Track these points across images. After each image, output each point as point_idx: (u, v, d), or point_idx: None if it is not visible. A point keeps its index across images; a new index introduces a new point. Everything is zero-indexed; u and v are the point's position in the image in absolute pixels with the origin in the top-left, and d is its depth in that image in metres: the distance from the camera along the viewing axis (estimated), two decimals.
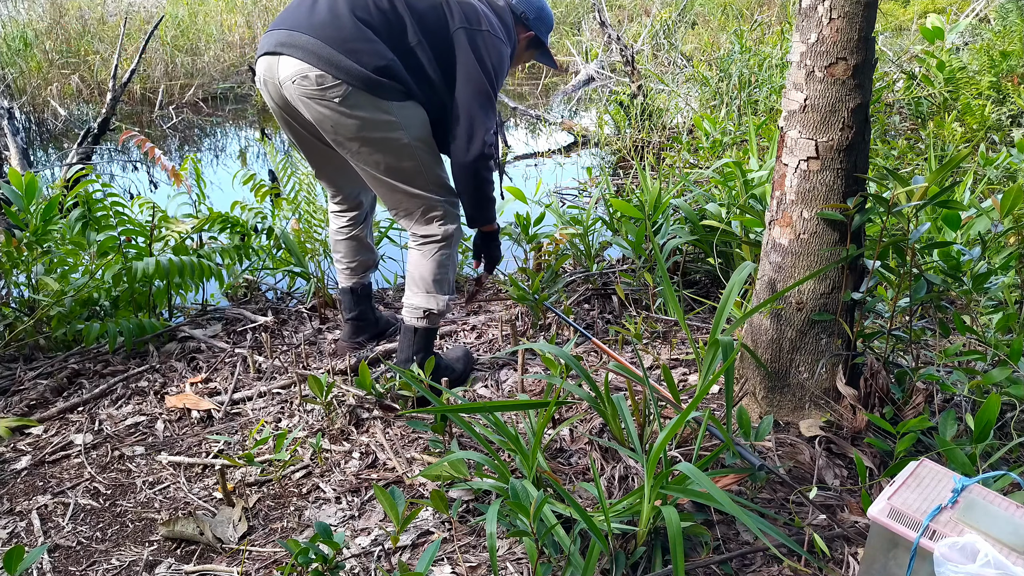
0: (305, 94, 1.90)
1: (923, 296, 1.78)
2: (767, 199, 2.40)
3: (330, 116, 1.92)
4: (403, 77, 1.93)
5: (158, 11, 8.26)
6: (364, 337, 2.52)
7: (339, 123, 1.93)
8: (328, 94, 1.88)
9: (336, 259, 2.44)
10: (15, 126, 4.23)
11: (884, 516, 1.27)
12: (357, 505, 1.80)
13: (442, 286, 2.16)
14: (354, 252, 2.41)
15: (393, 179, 2.04)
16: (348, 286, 2.46)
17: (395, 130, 1.96)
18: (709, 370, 1.79)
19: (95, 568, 1.63)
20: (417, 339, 2.18)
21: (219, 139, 6.78)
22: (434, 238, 2.12)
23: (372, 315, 2.54)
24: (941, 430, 1.62)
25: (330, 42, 1.87)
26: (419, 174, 2.04)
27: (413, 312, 2.17)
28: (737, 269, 1.95)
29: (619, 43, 5.90)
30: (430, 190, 2.07)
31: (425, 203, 2.08)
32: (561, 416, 2.07)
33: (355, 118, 1.92)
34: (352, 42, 1.88)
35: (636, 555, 1.50)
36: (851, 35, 1.62)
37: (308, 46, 1.88)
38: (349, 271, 2.44)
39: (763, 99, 4.94)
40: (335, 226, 2.40)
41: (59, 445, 2.05)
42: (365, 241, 2.42)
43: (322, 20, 1.90)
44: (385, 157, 1.99)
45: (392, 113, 1.94)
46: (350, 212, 2.36)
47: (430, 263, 2.13)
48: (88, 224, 2.68)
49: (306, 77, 1.88)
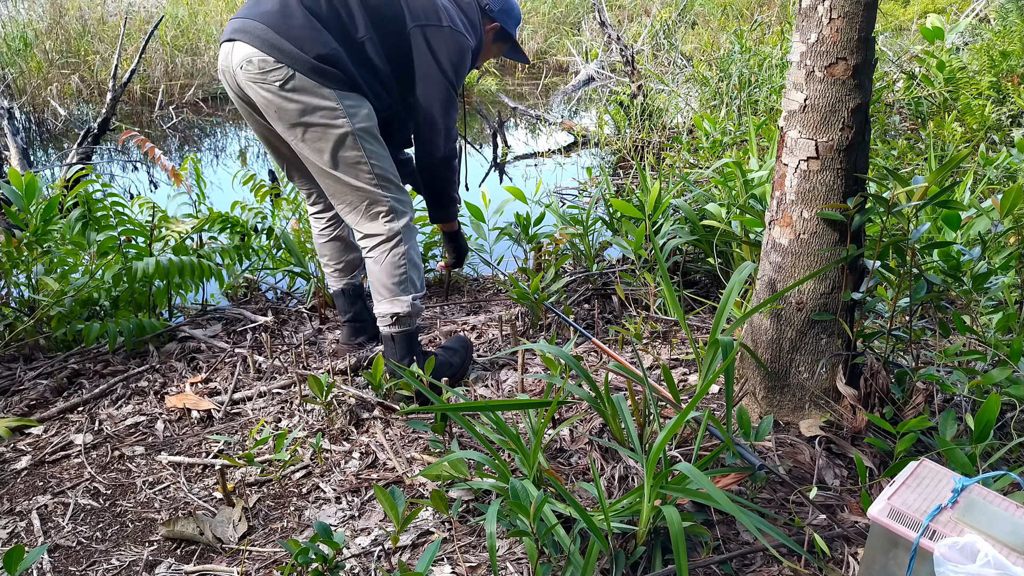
0: (250, 78, 1.92)
1: (923, 296, 1.78)
2: (767, 199, 2.40)
3: (273, 100, 1.93)
4: (348, 68, 1.94)
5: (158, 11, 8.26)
6: (364, 338, 2.50)
7: (281, 107, 1.93)
8: (269, 77, 1.90)
9: (323, 262, 2.44)
10: (15, 126, 4.24)
11: (884, 516, 1.27)
12: (357, 505, 1.80)
13: (404, 287, 2.12)
14: (339, 253, 2.40)
15: (336, 170, 2.02)
16: (339, 288, 2.45)
17: (337, 118, 1.95)
18: (709, 370, 1.79)
19: (95, 568, 1.63)
20: (398, 346, 2.16)
21: (219, 139, 6.78)
22: (379, 237, 2.09)
23: (368, 315, 2.50)
24: (941, 430, 1.62)
25: (275, 28, 1.90)
26: (362, 165, 2.02)
27: (383, 320, 2.15)
28: (737, 269, 1.95)
29: (619, 43, 5.90)
30: (374, 184, 2.05)
31: (368, 196, 2.06)
32: (561, 416, 2.07)
33: (296, 102, 1.92)
34: (297, 29, 1.90)
35: (636, 555, 1.50)
36: (851, 35, 1.62)
37: (255, 31, 1.90)
38: (337, 273, 2.43)
39: (763, 99, 4.94)
40: (316, 229, 2.39)
41: (59, 445, 2.05)
42: (349, 240, 2.40)
43: (271, 8, 1.93)
44: (328, 145, 1.98)
45: (334, 100, 1.94)
46: (327, 213, 2.35)
47: (384, 267, 2.10)
48: (88, 224, 2.68)
49: (250, 61, 1.90)
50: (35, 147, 6.12)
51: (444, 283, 3.21)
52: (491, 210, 3.19)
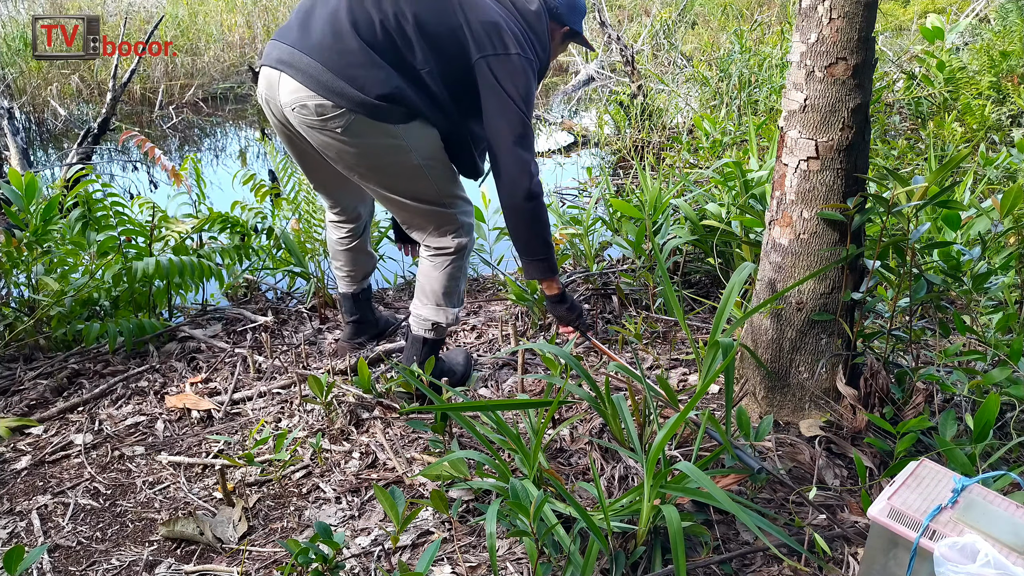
0: (306, 123, 1.82)
1: (923, 296, 1.78)
2: (767, 199, 2.40)
3: (332, 144, 1.85)
4: (410, 100, 1.81)
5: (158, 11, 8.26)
6: (365, 337, 2.54)
7: (342, 151, 1.86)
8: (329, 124, 1.79)
9: (336, 267, 2.44)
10: (15, 126, 4.23)
11: (884, 516, 1.27)
12: (357, 505, 1.80)
13: (451, 299, 2.13)
14: (354, 261, 2.41)
15: (405, 198, 1.98)
16: (349, 292, 2.48)
17: (403, 153, 1.87)
18: (709, 370, 1.79)
19: (95, 568, 1.63)
20: (424, 350, 2.18)
21: (219, 139, 6.78)
22: (447, 251, 2.08)
23: (372, 316, 2.57)
24: (941, 430, 1.62)
25: (331, 66, 1.76)
26: (431, 191, 1.98)
27: (421, 323, 2.15)
28: (737, 269, 1.95)
29: (619, 43, 5.90)
30: (443, 204, 2.01)
31: (439, 218, 2.03)
32: (561, 416, 2.07)
33: (359, 146, 1.84)
34: (355, 68, 1.76)
35: (636, 555, 1.50)
36: (851, 35, 1.62)
37: (308, 69, 1.77)
38: (349, 278, 2.45)
39: (763, 99, 4.93)
40: (334, 236, 2.37)
41: (59, 445, 2.05)
42: (366, 249, 2.42)
43: (323, 40, 1.78)
44: (395, 180, 1.94)
45: (399, 137, 1.84)
46: (349, 224, 2.33)
47: (441, 275, 2.09)
48: (88, 224, 2.68)
49: (305, 106, 1.79)
50: (35, 147, 6.12)
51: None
52: (491, 210, 3.19)
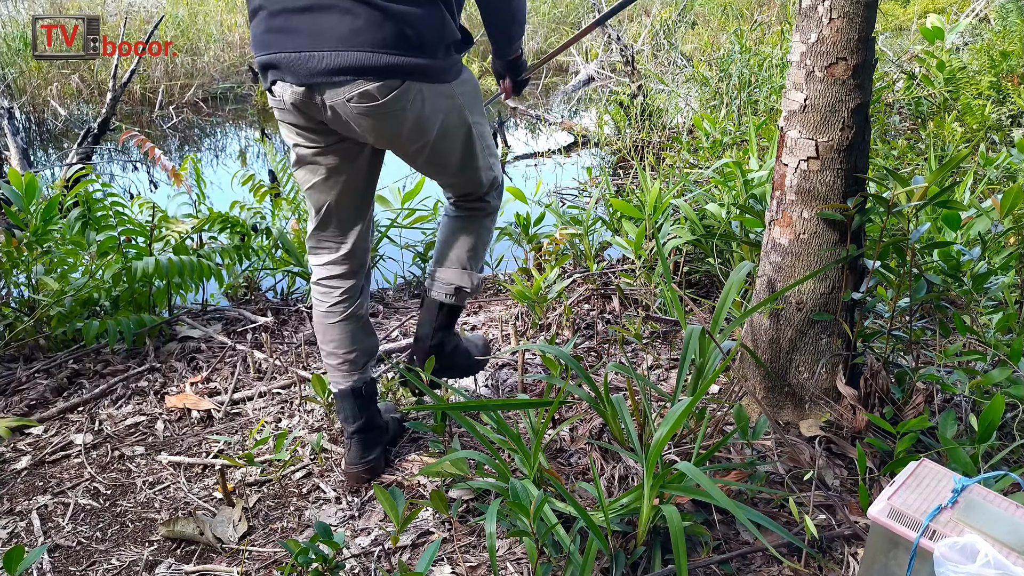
0: (362, 111, 1.57)
1: (923, 296, 1.78)
2: (767, 199, 2.40)
3: (386, 126, 1.61)
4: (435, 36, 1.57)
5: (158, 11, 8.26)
6: (378, 451, 1.89)
7: (396, 133, 1.64)
8: (388, 106, 1.57)
9: (327, 351, 1.84)
10: (15, 126, 4.23)
11: (884, 516, 1.27)
12: (357, 505, 1.80)
13: (477, 262, 1.96)
14: (352, 338, 1.83)
15: (461, 167, 1.80)
16: (347, 387, 1.84)
17: (453, 112, 1.67)
18: (707, 369, 1.79)
19: (95, 568, 1.63)
20: (441, 316, 1.97)
21: (219, 139, 6.78)
22: (483, 211, 1.91)
23: (380, 418, 1.92)
24: (941, 430, 1.62)
25: (372, 44, 1.54)
26: (481, 152, 1.80)
27: (443, 288, 1.94)
28: (735, 268, 1.95)
29: (619, 43, 5.90)
30: (488, 165, 1.85)
31: (483, 179, 1.85)
32: (561, 416, 2.07)
33: (413, 119, 1.62)
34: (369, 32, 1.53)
35: (636, 555, 1.50)
36: (851, 35, 1.62)
37: (355, 61, 1.54)
38: (348, 366, 1.83)
39: (763, 99, 4.93)
40: (325, 305, 1.81)
41: (59, 445, 2.05)
42: (366, 321, 1.88)
43: (354, 25, 1.54)
44: (456, 153, 1.75)
45: (453, 96, 1.66)
46: (345, 282, 1.81)
47: (470, 236, 1.91)
48: (88, 224, 2.68)
49: (364, 93, 1.55)
50: (35, 147, 6.12)
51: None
52: None
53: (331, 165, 1.70)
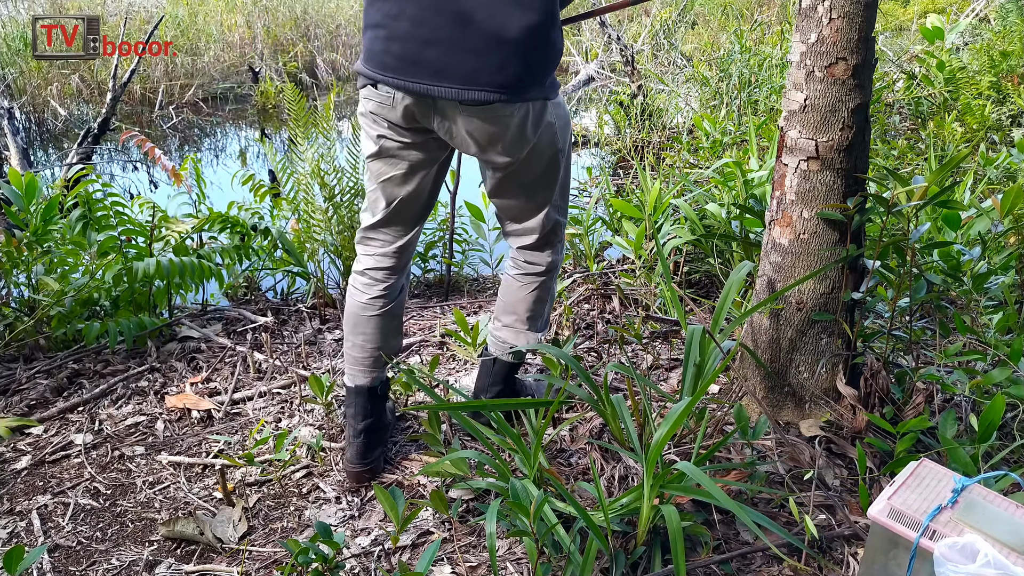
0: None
1: (923, 296, 1.78)
2: (767, 199, 2.40)
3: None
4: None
5: (158, 11, 8.26)
6: (380, 451, 1.89)
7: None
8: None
9: (355, 344, 1.82)
10: (15, 126, 4.23)
11: (884, 516, 1.27)
12: (357, 505, 1.80)
13: (535, 323, 1.90)
14: (384, 335, 1.82)
15: (539, 188, 1.76)
16: (364, 384, 1.83)
17: (551, 134, 1.69)
18: (707, 369, 1.79)
19: (95, 568, 1.63)
20: (496, 371, 1.96)
21: (219, 139, 6.78)
22: (537, 267, 1.85)
23: (387, 417, 1.95)
24: (941, 430, 1.62)
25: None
26: (559, 187, 1.79)
27: (499, 345, 1.93)
28: (735, 268, 1.96)
29: (619, 43, 5.90)
30: (559, 206, 1.82)
31: (552, 220, 1.81)
32: (561, 416, 2.07)
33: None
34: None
35: (636, 555, 1.50)
36: (851, 35, 1.62)
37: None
38: (371, 362, 1.82)
39: (763, 99, 4.93)
40: (366, 297, 1.80)
41: (59, 445, 2.05)
42: (401, 321, 1.90)
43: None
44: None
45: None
46: (393, 276, 1.81)
47: (527, 297, 1.86)
48: (88, 224, 2.68)
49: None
50: (35, 147, 6.12)
51: (444, 283, 3.21)
52: (491, 210, 3.19)
53: (413, 161, 1.70)
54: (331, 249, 3.07)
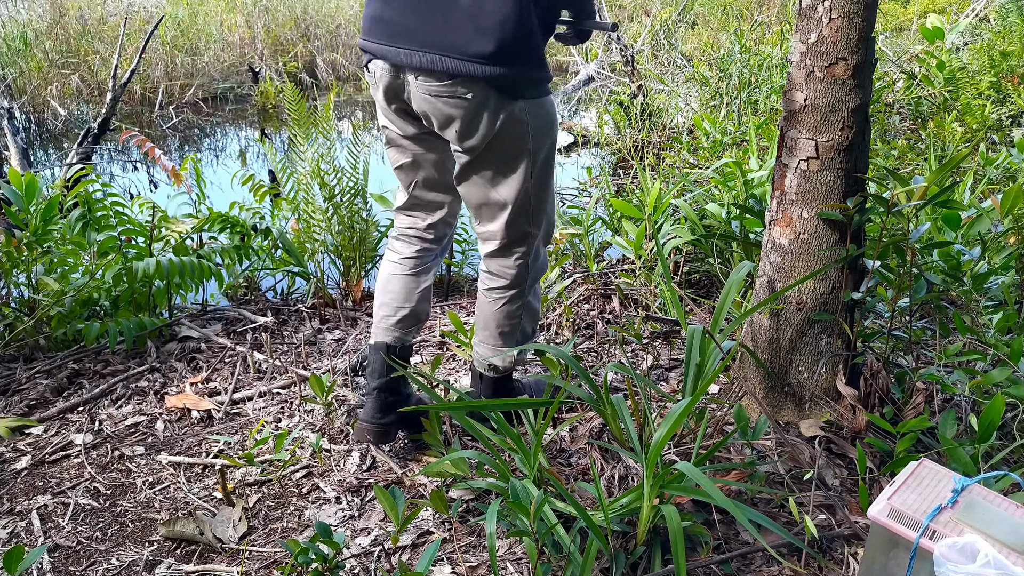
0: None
1: (923, 296, 1.78)
2: (767, 199, 2.40)
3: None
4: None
5: (158, 11, 8.26)
6: (393, 418, 1.87)
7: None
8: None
9: (382, 302, 1.86)
10: (15, 126, 4.23)
11: (884, 516, 1.27)
12: (357, 505, 1.80)
13: (508, 339, 1.87)
14: (410, 295, 1.85)
15: (503, 187, 1.74)
16: (384, 341, 1.85)
17: (521, 130, 1.67)
18: (707, 369, 1.79)
19: (95, 568, 1.63)
20: (484, 385, 1.97)
21: (219, 139, 6.78)
22: (502, 281, 1.82)
23: (406, 387, 1.91)
24: (941, 430, 1.62)
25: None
26: (528, 193, 1.75)
27: (479, 362, 1.94)
28: (735, 268, 1.96)
29: (619, 43, 5.89)
30: (531, 219, 1.78)
31: (520, 231, 1.78)
32: (561, 416, 2.07)
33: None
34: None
35: (636, 555, 1.50)
36: (851, 35, 1.62)
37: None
38: (395, 322, 1.85)
39: (763, 99, 4.93)
40: (399, 256, 1.86)
41: (59, 445, 2.05)
42: (430, 288, 1.92)
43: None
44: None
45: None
46: (427, 243, 1.87)
47: (496, 313, 1.84)
48: (88, 224, 2.68)
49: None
50: (35, 147, 6.12)
51: (444, 283, 3.22)
52: None
53: (417, 151, 1.77)
54: (331, 249, 3.06)
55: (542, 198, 1.77)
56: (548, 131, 1.71)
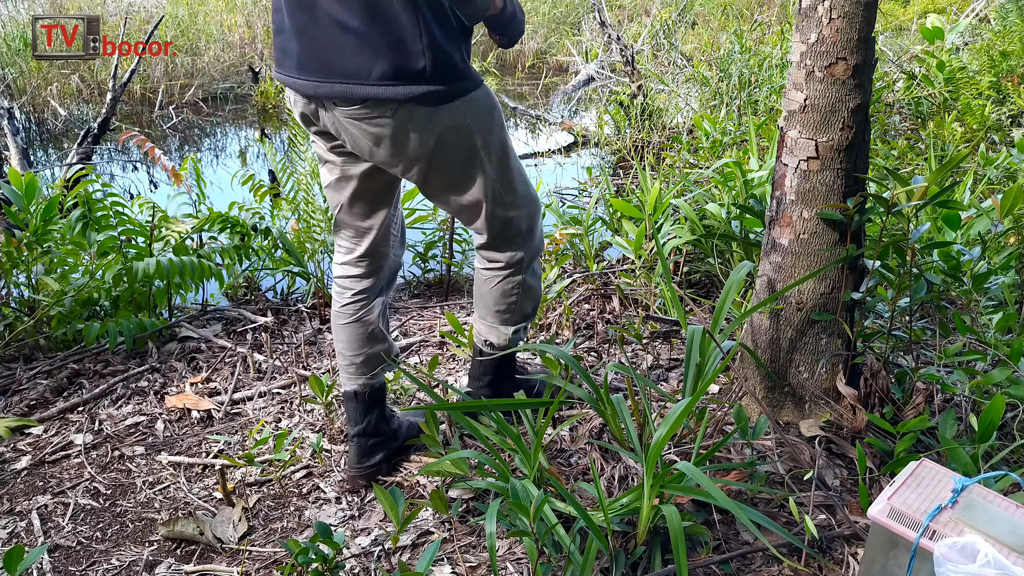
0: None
1: (923, 296, 1.78)
2: (767, 199, 2.40)
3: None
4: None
5: (158, 11, 8.26)
6: (382, 455, 1.87)
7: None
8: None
9: (338, 351, 1.85)
10: (15, 126, 4.23)
11: (884, 516, 1.27)
12: (357, 505, 1.80)
13: (506, 317, 1.84)
14: (360, 342, 1.81)
15: (465, 194, 1.70)
16: (351, 389, 1.84)
17: (459, 135, 1.61)
18: (707, 369, 1.79)
19: (95, 568, 1.63)
20: (483, 364, 1.94)
21: (219, 139, 6.78)
22: (497, 264, 1.79)
23: (388, 426, 1.89)
24: (941, 430, 1.62)
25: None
26: (493, 188, 1.70)
27: (477, 337, 1.93)
28: (735, 268, 1.96)
29: (619, 43, 5.89)
30: (504, 207, 1.73)
31: (497, 223, 1.74)
32: (561, 416, 2.07)
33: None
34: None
35: (636, 554, 1.50)
36: (851, 35, 1.62)
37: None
38: (354, 368, 1.83)
39: (763, 99, 4.93)
40: (338, 305, 1.82)
41: (59, 445, 2.05)
42: (377, 327, 1.83)
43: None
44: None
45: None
46: (362, 282, 1.81)
47: (492, 292, 1.82)
48: (88, 224, 2.68)
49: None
50: (35, 147, 6.12)
51: (444, 283, 3.21)
52: None
53: (344, 168, 1.72)
54: (331, 249, 3.06)
55: (509, 179, 1.71)
56: (491, 119, 1.64)
